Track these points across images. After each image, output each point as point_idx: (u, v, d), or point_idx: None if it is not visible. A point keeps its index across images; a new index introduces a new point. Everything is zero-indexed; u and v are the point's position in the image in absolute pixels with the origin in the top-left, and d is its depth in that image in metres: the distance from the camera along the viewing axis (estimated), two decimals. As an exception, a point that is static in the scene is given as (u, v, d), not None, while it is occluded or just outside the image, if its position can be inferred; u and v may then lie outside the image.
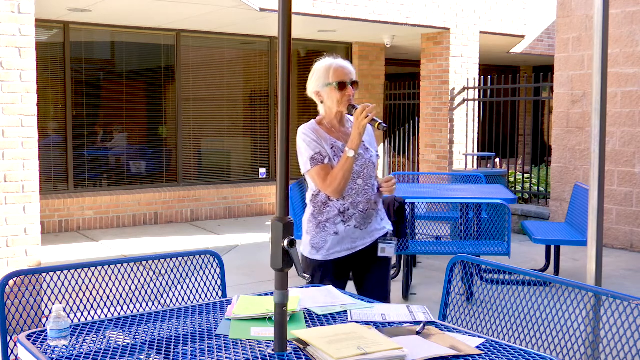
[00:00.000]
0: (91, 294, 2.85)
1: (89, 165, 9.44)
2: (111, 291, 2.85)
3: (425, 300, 5.62)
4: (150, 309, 2.79)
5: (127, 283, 2.88)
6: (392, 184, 3.14)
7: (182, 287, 3.03)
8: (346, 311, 2.41)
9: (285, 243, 1.94)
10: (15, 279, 2.60)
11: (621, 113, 7.93)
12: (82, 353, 1.99)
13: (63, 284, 2.72)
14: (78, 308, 2.75)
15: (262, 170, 10.83)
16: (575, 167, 8.48)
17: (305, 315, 2.36)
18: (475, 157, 10.46)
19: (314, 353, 1.93)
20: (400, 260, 6.31)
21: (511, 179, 10.27)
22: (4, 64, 4.89)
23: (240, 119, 10.91)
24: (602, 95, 3.13)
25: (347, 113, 3.11)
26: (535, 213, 8.96)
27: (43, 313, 3.03)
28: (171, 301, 2.97)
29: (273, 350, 1.99)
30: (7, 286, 2.52)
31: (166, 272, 3.13)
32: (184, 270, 3.09)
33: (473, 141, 10.59)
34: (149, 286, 2.94)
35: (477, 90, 10.43)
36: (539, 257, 7.24)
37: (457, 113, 10.44)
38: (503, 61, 14.36)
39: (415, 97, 11.54)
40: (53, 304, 2.15)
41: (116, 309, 2.82)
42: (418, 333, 2.16)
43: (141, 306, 2.89)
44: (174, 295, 3.03)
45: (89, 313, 2.78)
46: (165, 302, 2.95)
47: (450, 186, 7.28)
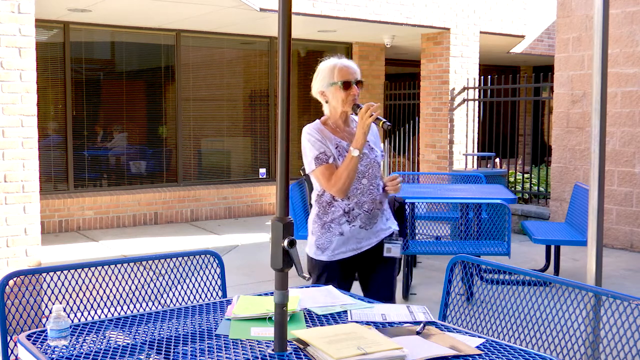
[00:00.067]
0: (91, 294, 2.85)
1: (89, 165, 9.44)
2: (111, 291, 2.85)
3: (425, 300, 5.62)
4: (150, 309, 2.79)
5: (127, 283, 2.88)
6: (398, 183, 3.12)
7: (182, 287, 3.03)
8: (346, 311, 2.41)
9: (285, 243, 1.94)
10: (15, 279, 2.60)
11: (621, 113, 7.93)
12: (82, 353, 1.99)
13: (63, 284, 2.72)
14: (78, 308, 2.75)
15: (262, 170, 10.83)
16: (575, 167, 8.48)
17: (305, 315, 2.36)
18: (475, 157, 10.46)
19: (314, 353, 1.93)
20: (400, 260, 6.30)
21: (511, 179, 10.27)
22: (4, 64, 4.89)
23: (240, 119, 10.91)
24: (602, 95, 3.13)
25: (352, 113, 3.10)
26: (535, 213, 8.96)
27: (43, 313, 3.03)
28: (171, 301, 2.97)
29: (273, 350, 1.99)
30: (7, 286, 2.52)
31: (166, 272, 3.13)
32: (184, 270, 3.09)
33: (473, 141, 10.59)
34: (149, 286, 2.94)
35: (477, 90, 10.43)
36: (539, 257, 7.24)
37: (457, 113, 10.44)
38: (503, 61, 14.36)
39: (415, 97, 11.54)
40: (53, 304, 2.15)
41: (116, 309, 2.82)
42: (418, 333, 2.16)
43: (141, 306, 2.89)
44: (174, 295, 3.03)
45: (89, 313, 2.78)
46: (165, 302, 2.95)
47: (450, 186, 7.28)
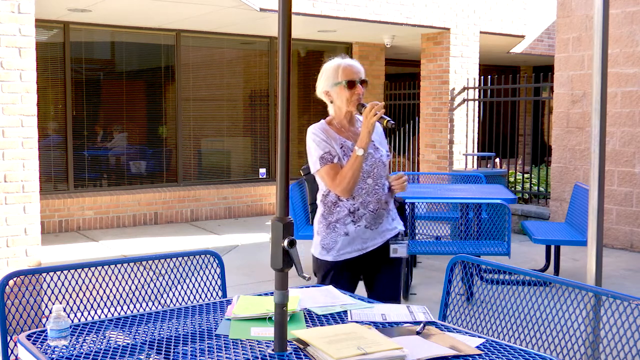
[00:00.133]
0: (91, 294, 2.85)
1: (89, 165, 9.44)
2: (111, 291, 2.85)
3: (425, 300, 5.62)
4: (150, 309, 2.79)
5: (127, 283, 2.88)
6: (404, 181, 3.10)
7: (182, 287, 3.03)
8: (346, 311, 2.41)
9: (285, 243, 1.93)
10: (15, 279, 2.60)
11: (621, 113, 7.93)
12: (82, 353, 1.99)
13: (63, 284, 2.72)
14: (78, 308, 2.75)
15: (262, 170, 10.83)
16: (575, 167, 8.48)
17: (305, 315, 2.36)
18: (475, 157, 10.46)
19: (314, 353, 1.93)
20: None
21: (511, 179, 10.27)
22: (4, 64, 4.89)
23: (240, 119, 10.91)
24: (602, 95, 3.13)
25: (357, 112, 3.09)
26: (535, 213, 8.96)
27: (43, 313, 3.03)
28: (171, 301, 2.97)
29: (273, 350, 1.99)
30: (7, 286, 2.52)
31: (166, 272, 3.13)
32: (184, 270, 3.09)
33: (473, 141, 10.59)
34: (149, 286, 2.94)
35: (477, 90, 10.43)
36: (539, 257, 7.24)
37: (457, 113, 10.44)
38: (503, 61, 14.36)
39: (415, 97, 11.53)
40: (53, 304, 2.15)
41: (116, 309, 2.82)
42: (418, 333, 2.16)
43: (141, 306, 2.89)
44: (174, 295, 3.03)
45: (89, 313, 2.78)
46: (165, 302, 2.95)
47: (450, 186, 7.28)
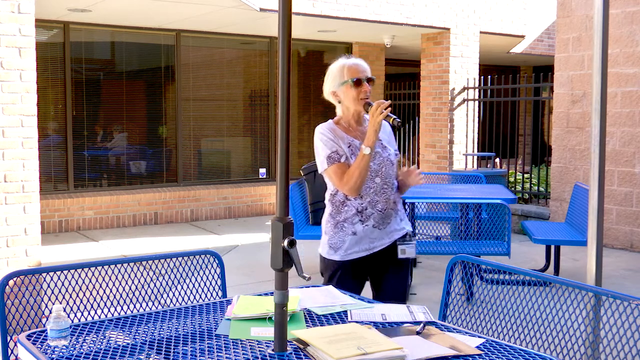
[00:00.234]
0: (91, 294, 2.85)
1: (89, 165, 9.44)
2: (111, 291, 2.85)
3: (425, 300, 5.62)
4: (150, 309, 2.79)
5: (127, 283, 2.88)
6: (417, 174, 3.08)
7: (182, 287, 3.03)
8: (346, 311, 2.41)
9: (285, 243, 1.93)
10: (15, 279, 2.60)
11: (621, 113, 7.93)
12: (82, 353, 1.99)
13: (63, 284, 2.72)
14: (78, 308, 2.75)
15: (262, 170, 10.83)
16: (575, 167, 8.48)
17: (305, 315, 2.36)
18: (475, 157, 10.46)
19: (314, 353, 1.93)
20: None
21: (511, 179, 10.27)
22: (4, 64, 4.89)
23: (240, 119, 10.91)
24: (602, 95, 3.13)
25: (364, 111, 3.08)
26: (535, 213, 8.96)
27: (43, 313, 3.03)
28: (171, 301, 2.97)
29: (273, 350, 1.99)
30: (7, 286, 2.52)
31: (166, 272, 3.13)
32: (184, 270, 3.09)
33: (473, 141, 10.59)
34: (149, 286, 2.94)
35: (477, 90, 10.43)
36: (539, 257, 7.24)
37: (457, 113, 10.44)
38: (503, 61, 14.36)
39: (415, 97, 11.53)
40: (53, 304, 2.15)
41: (116, 309, 2.82)
42: (418, 333, 2.16)
43: (141, 306, 2.89)
44: (174, 295, 3.03)
45: (89, 313, 2.78)
46: (165, 302, 2.95)
47: (450, 186, 7.28)
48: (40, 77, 6.07)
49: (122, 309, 2.85)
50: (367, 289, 3.20)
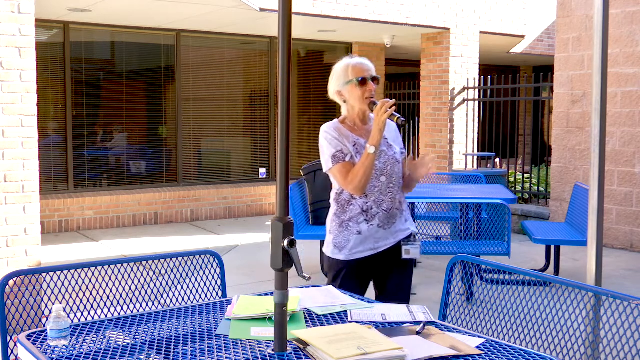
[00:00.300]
0: (91, 294, 2.85)
1: (89, 165, 9.43)
2: (111, 291, 2.85)
3: (425, 300, 5.62)
4: (150, 309, 2.79)
5: (127, 283, 2.88)
6: (430, 161, 3.07)
7: (182, 287, 3.03)
8: (346, 311, 2.41)
9: (285, 243, 1.93)
10: (15, 279, 2.60)
11: (621, 113, 7.93)
12: (82, 353, 1.99)
13: (63, 284, 2.72)
14: (78, 308, 2.75)
15: (262, 170, 10.83)
16: (575, 167, 8.48)
17: (305, 315, 2.36)
18: (475, 157, 10.46)
19: (314, 353, 1.93)
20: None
21: (511, 179, 10.27)
22: (4, 64, 4.89)
23: (240, 119, 10.91)
24: (602, 95, 3.13)
25: (369, 111, 3.07)
26: (535, 213, 8.96)
27: (43, 313, 3.03)
28: (171, 301, 2.97)
29: (273, 350, 1.99)
30: (7, 286, 2.52)
31: (166, 272, 3.13)
32: (184, 270, 3.08)
33: (473, 141, 10.59)
34: (149, 286, 2.94)
35: (477, 90, 10.43)
36: (539, 257, 7.24)
37: (457, 113, 10.44)
38: (503, 61, 14.36)
39: (415, 97, 11.54)
40: (53, 304, 2.15)
41: (116, 309, 2.82)
42: (418, 333, 2.16)
43: (141, 306, 2.89)
44: (174, 295, 3.03)
45: (89, 313, 2.78)
46: (165, 302, 2.95)
47: (450, 186, 7.28)
48: (40, 77, 6.07)
49: (122, 309, 2.85)
50: (370, 288, 3.21)
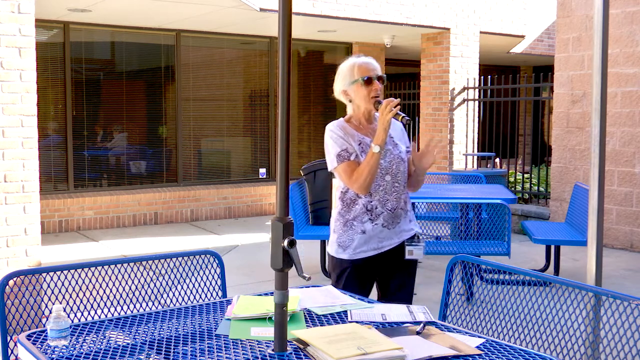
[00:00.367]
0: (91, 294, 2.85)
1: (89, 165, 9.43)
2: (111, 291, 2.85)
3: (425, 300, 5.62)
4: (150, 309, 2.79)
5: (127, 283, 2.88)
6: (434, 147, 3.06)
7: (182, 287, 3.03)
8: (346, 311, 2.41)
9: (285, 243, 1.93)
10: (15, 279, 2.60)
11: (621, 113, 7.93)
12: (82, 353, 1.99)
13: (63, 284, 2.72)
14: (78, 308, 2.75)
15: (262, 170, 10.83)
16: (575, 167, 8.48)
17: (305, 315, 2.36)
18: (475, 157, 10.46)
19: (314, 353, 1.93)
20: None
21: (511, 179, 10.27)
22: (4, 64, 4.89)
23: (240, 119, 10.91)
24: (602, 95, 3.13)
25: (375, 110, 3.06)
26: (535, 213, 8.96)
27: (43, 313, 3.03)
28: (171, 301, 2.97)
29: (273, 350, 1.99)
30: (7, 286, 2.52)
31: (166, 272, 3.13)
32: (184, 270, 3.08)
33: (473, 141, 10.59)
34: (149, 286, 2.94)
35: (477, 90, 10.43)
36: (539, 257, 7.24)
37: (457, 113, 10.44)
38: (503, 61, 14.36)
39: (415, 97, 11.54)
40: (53, 304, 2.15)
41: (116, 309, 2.82)
42: (418, 333, 2.15)
43: (141, 306, 2.89)
44: (174, 295, 3.03)
45: (89, 313, 2.78)
46: (165, 302, 2.95)
47: (450, 186, 7.28)
48: (40, 77, 6.06)
49: (122, 309, 2.85)
50: (372, 289, 3.21)
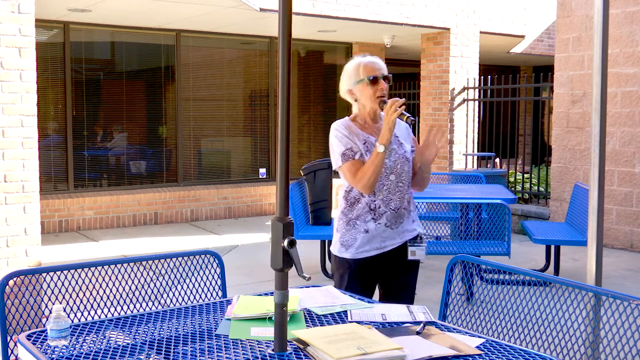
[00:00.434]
0: (91, 294, 2.85)
1: (89, 165, 9.43)
2: (111, 291, 2.85)
3: (425, 300, 5.62)
4: (150, 309, 2.79)
5: (127, 283, 2.88)
6: (434, 136, 3.04)
7: (182, 287, 3.03)
8: (346, 311, 2.41)
9: (285, 243, 1.93)
10: (15, 279, 2.60)
11: (621, 113, 7.93)
12: (82, 353, 1.99)
13: (63, 284, 2.72)
14: (78, 308, 2.75)
15: (262, 170, 10.83)
16: (575, 167, 8.48)
17: (305, 315, 2.36)
18: (475, 157, 10.46)
19: (314, 353, 1.93)
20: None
21: (511, 179, 10.27)
22: (4, 64, 4.89)
23: (240, 119, 10.91)
24: (602, 95, 3.13)
25: (380, 109, 3.05)
26: (535, 213, 8.96)
27: (43, 313, 3.03)
28: (171, 301, 2.97)
29: (273, 350, 1.99)
30: (7, 286, 2.52)
31: (166, 272, 3.13)
32: (184, 270, 3.09)
33: (473, 141, 10.59)
34: (149, 286, 2.94)
35: (477, 90, 10.43)
36: (539, 257, 7.24)
37: (457, 113, 10.44)
38: (503, 61, 14.36)
39: (415, 97, 11.53)
40: (53, 304, 2.15)
41: (116, 309, 2.82)
42: (418, 333, 2.16)
43: (141, 306, 2.89)
44: (174, 295, 3.03)
45: (89, 313, 2.78)
46: (165, 302, 2.95)
47: (450, 186, 7.28)
48: (40, 77, 6.06)
49: (122, 309, 2.85)
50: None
